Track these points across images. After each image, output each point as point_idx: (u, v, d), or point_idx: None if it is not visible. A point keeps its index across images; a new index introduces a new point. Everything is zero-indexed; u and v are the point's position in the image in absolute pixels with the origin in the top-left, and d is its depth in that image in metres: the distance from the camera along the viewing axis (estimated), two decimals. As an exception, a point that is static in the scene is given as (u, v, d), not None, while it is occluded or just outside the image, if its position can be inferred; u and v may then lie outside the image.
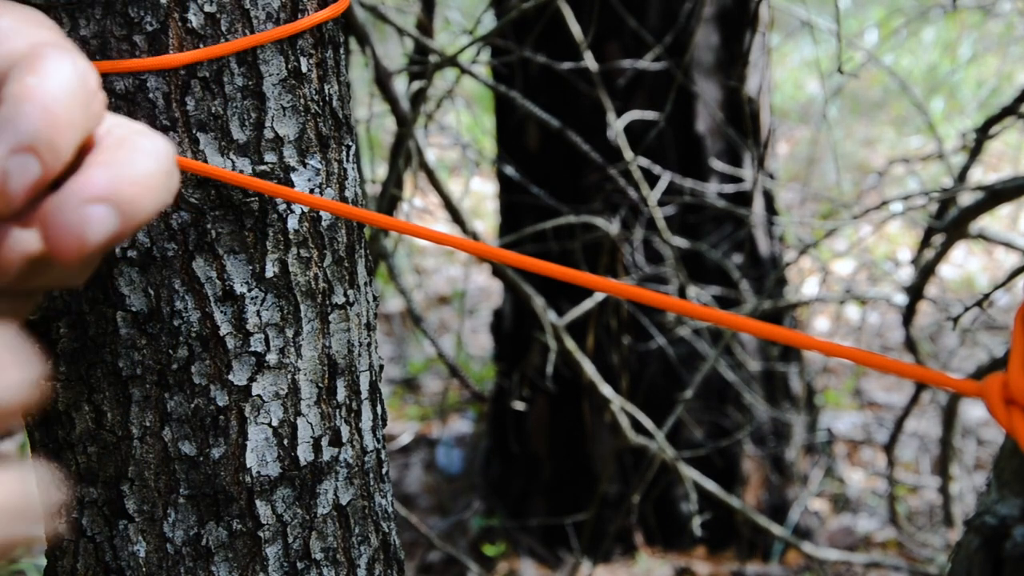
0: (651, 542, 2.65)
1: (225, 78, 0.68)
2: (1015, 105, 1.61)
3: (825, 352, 0.46)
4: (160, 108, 0.67)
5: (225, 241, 0.69)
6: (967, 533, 0.55)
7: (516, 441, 2.74)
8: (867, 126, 5.72)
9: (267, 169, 0.70)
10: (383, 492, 0.82)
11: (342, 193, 0.76)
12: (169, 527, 0.71)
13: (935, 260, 1.90)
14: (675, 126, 2.50)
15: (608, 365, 2.42)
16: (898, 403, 3.13)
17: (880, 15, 5.08)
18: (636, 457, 2.55)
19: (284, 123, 0.71)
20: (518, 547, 2.70)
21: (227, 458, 0.71)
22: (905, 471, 2.92)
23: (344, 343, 0.76)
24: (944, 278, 3.79)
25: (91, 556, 0.73)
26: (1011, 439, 0.51)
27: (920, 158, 2.12)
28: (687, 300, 1.64)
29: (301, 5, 0.71)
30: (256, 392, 0.72)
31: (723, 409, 2.60)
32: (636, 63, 2.27)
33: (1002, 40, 4.18)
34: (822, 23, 2.22)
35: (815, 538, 2.64)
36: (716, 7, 2.51)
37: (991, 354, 2.26)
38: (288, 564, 0.74)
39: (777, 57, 5.92)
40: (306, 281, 0.73)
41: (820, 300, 2.20)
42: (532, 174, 2.48)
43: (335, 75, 0.75)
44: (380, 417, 0.81)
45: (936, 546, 2.52)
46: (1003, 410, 0.42)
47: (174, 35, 0.66)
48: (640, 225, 2.38)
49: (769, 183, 2.63)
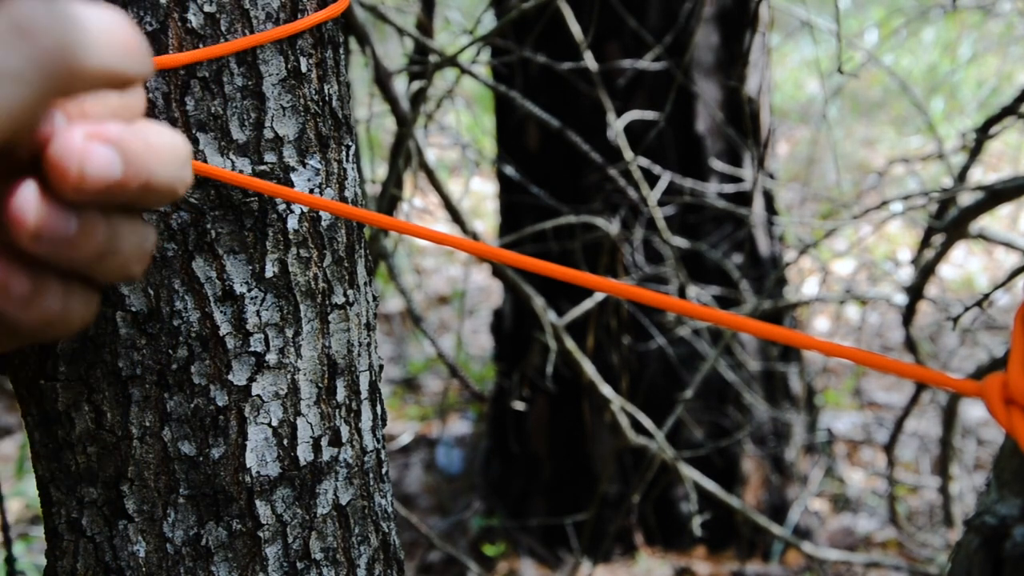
0: (651, 542, 2.65)
1: (225, 78, 0.68)
2: (1015, 105, 1.61)
3: (825, 352, 0.46)
4: (160, 108, 0.67)
5: (225, 241, 0.69)
6: (967, 533, 0.55)
7: (516, 441, 2.74)
8: (867, 126, 5.72)
9: (267, 169, 0.70)
10: (383, 492, 0.82)
11: (342, 193, 0.76)
12: (169, 527, 0.71)
13: (935, 260, 1.90)
14: (675, 126, 2.50)
15: (608, 365, 2.42)
16: (898, 403, 3.13)
17: (880, 15, 5.08)
18: (636, 457, 2.55)
19: (284, 123, 0.71)
20: (518, 547, 2.70)
21: (227, 458, 0.71)
22: (905, 471, 2.92)
23: (344, 343, 0.76)
24: (944, 278, 3.79)
25: (91, 556, 0.72)
26: (1011, 439, 0.51)
27: (920, 158, 2.12)
28: (687, 300, 1.64)
29: (301, 5, 0.71)
30: (256, 392, 0.72)
31: (723, 409, 2.60)
32: (636, 63, 2.27)
33: (1002, 40, 4.18)
34: (822, 23, 2.22)
35: (815, 538, 2.64)
36: (716, 7, 2.51)
37: (991, 354, 2.26)
38: (288, 564, 0.74)
39: (777, 57, 5.92)
40: (306, 281, 0.73)
41: (820, 300, 2.20)
42: (532, 174, 2.48)
43: (335, 75, 0.75)
44: (380, 417, 0.81)
45: (936, 546, 2.52)
46: (1003, 410, 0.42)
47: (174, 35, 0.66)
48: (640, 225, 2.38)
49: (769, 183, 2.63)
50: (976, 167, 1.90)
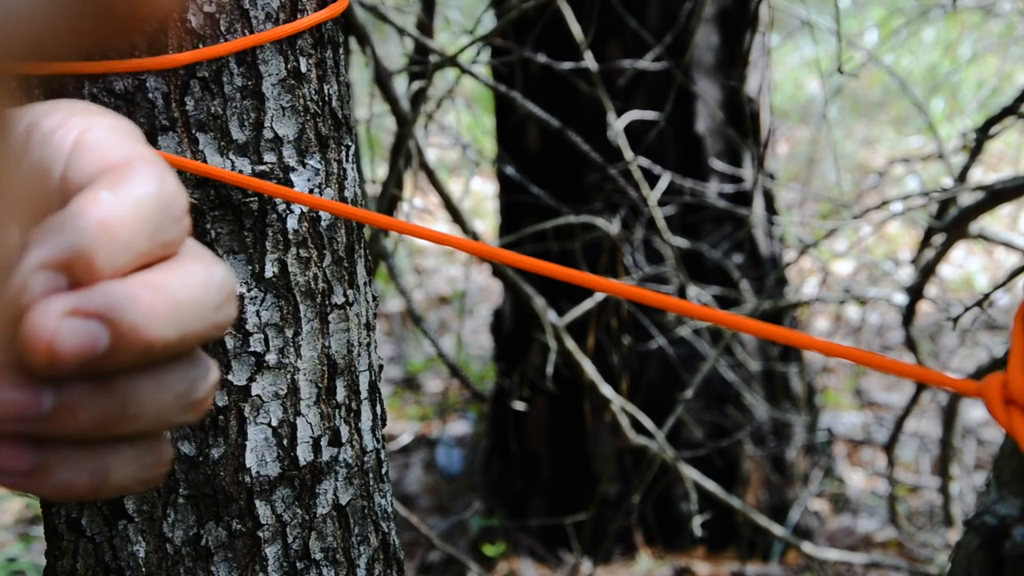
0: (651, 542, 2.65)
1: (224, 78, 0.68)
2: (1015, 105, 1.61)
3: (825, 352, 0.46)
4: (159, 108, 0.67)
5: (224, 241, 0.69)
6: (967, 533, 0.55)
7: (516, 441, 2.74)
8: (867, 126, 5.72)
9: (266, 169, 0.70)
10: (383, 492, 0.81)
11: (341, 193, 0.76)
12: (169, 527, 0.71)
13: (935, 260, 1.91)
14: (675, 126, 2.50)
15: (608, 365, 2.42)
16: (898, 403, 3.13)
17: (880, 15, 5.08)
18: (636, 457, 2.55)
19: (283, 123, 0.71)
20: (518, 547, 2.70)
21: (226, 458, 0.71)
22: (905, 471, 2.92)
23: (343, 343, 0.76)
24: (944, 278, 3.78)
25: (91, 556, 0.72)
26: (1011, 439, 0.51)
27: (920, 158, 2.12)
28: (687, 300, 1.64)
29: (300, 5, 0.71)
30: (255, 392, 0.72)
31: (723, 409, 2.60)
32: (636, 63, 2.27)
33: (1002, 40, 4.18)
34: (822, 23, 2.22)
35: (815, 538, 2.64)
36: (716, 7, 2.51)
37: (991, 354, 2.26)
38: (288, 564, 0.74)
39: (777, 57, 5.92)
40: (305, 281, 0.73)
41: (820, 300, 2.20)
42: (532, 174, 2.47)
43: (335, 75, 0.75)
44: (380, 417, 0.81)
45: (936, 546, 2.52)
46: (1003, 410, 0.42)
47: (173, 35, 0.66)
48: (640, 225, 2.38)
49: (769, 183, 2.63)
50: (976, 167, 1.90)
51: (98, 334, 0.36)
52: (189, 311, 0.39)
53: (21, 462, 0.38)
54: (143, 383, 0.39)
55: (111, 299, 0.37)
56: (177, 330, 0.38)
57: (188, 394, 0.40)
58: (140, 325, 0.37)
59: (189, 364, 0.40)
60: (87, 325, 0.36)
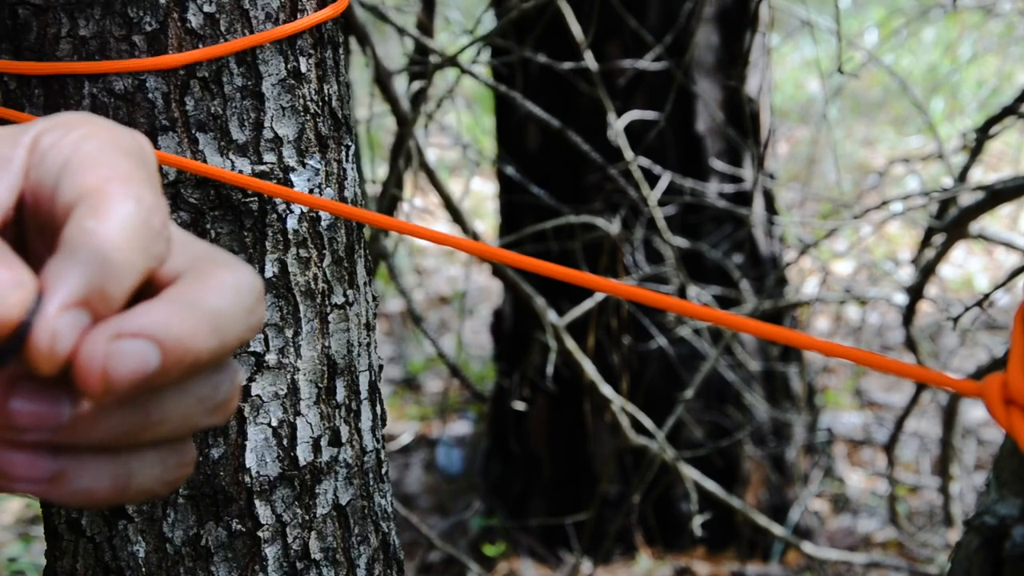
0: (651, 542, 2.65)
1: (224, 78, 0.68)
2: (1015, 105, 1.61)
3: (825, 352, 0.46)
4: (159, 108, 0.67)
5: (224, 241, 0.69)
6: (967, 533, 0.55)
7: (516, 441, 2.74)
8: (867, 126, 5.72)
9: (266, 169, 0.70)
10: (383, 492, 0.81)
11: (341, 193, 0.76)
12: (168, 527, 0.71)
13: (935, 260, 1.91)
14: (675, 126, 2.50)
15: (608, 365, 2.42)
16: (898, 403, 3.13)
17: (880, 15, 5.08)
18: (636, 457, 2.55)
19: (283, 123, 0.71)
20: (518, 547, 2.70)
21: (226, 458, 0.71)
22: (905, 471, 2.92)
23: (343, 343, 0.76)
24: (944, 278, 3.78)
25: (91, 556, 0.72)
26: (1011, 439, 0.51)
27: (920, 158, 2.12)
28: (687, 300, 1.64)
29: (300, 5, 0.71)
30: (255, 392, 0.71)
31: (723, 409, 2.60)
32: (636, 63, 2.27)
33: (1002, 40, 4.18)
34: (822, 23, 2.22)
35: (815, 538, 2.64)
36: (716, 7, 2.51)
37: (991, 354, 2.26)
38: (287, 564, 0.74)
39: (777, 57, 5.92)
40: (305, 281, 0.73)
41: (820, 300, 2.20)
42: (532, 174, 2.47)
43: (335, 75, 0.75)
44: (380, 417, 0.81)
45: (936, 546, 2.52)
46: (1003, 410, 0.42)
47: (173, 35, 0.66)
48: (640, 225, 2.38)
49: (769, 183, 2.63)
50: (976, 167, 1.90)
51: (148, 352, 0.36)
52: (226, 318, 0.39)
53: (40, 470, 0.38)
54: (166, 389, 0.39)
55: (151, 318, 0.37)
56: (219, 338, 0.39)
57: (212, 397, 0.40)
58: (185, 338, 0.37)
59: (212, 367, 0.41)
60: (135, 344, 0.36)
